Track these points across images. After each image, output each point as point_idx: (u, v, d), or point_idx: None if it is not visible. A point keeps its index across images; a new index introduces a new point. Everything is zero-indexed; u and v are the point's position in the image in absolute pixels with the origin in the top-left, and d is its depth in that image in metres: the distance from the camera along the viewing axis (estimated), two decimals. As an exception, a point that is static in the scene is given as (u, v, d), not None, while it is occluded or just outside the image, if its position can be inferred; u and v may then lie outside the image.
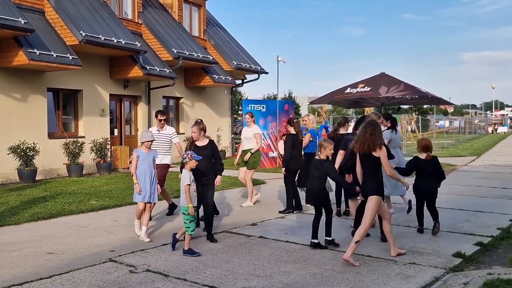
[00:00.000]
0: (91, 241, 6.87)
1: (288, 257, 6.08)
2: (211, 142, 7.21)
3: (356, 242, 5.77)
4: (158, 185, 7.19)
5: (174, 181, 11.51)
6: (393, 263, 5.82)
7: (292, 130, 9.16)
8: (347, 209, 8.59)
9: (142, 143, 7.10)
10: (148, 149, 7.06)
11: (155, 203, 7.22)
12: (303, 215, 8.72)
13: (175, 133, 8.76)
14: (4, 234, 7.24)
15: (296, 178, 9.18)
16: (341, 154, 7.83)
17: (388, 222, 6.20)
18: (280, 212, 8.94)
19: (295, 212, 8.96)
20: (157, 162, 7.62)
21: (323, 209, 6.64)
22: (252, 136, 9.71)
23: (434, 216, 7.28)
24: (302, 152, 9.35)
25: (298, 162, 9.12)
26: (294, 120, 9.33)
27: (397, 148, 8.51)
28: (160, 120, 8.51)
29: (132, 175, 7.01)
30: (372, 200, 5.93)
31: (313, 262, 5.86)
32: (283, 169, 9.02)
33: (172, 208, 8.85)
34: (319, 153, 6.62)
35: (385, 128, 8.46)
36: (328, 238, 6.59)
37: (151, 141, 7.13)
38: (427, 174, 7.26)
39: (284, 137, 9.49)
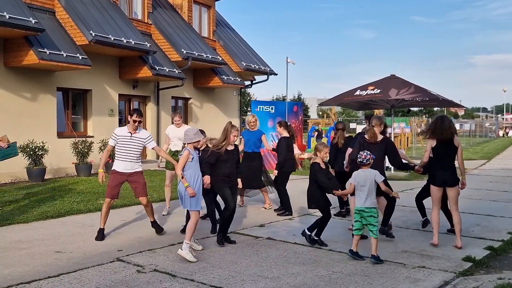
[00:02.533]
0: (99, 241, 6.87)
1: (296, 259, 6.05)
2: (236, 146, 6.93)
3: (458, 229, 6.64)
4: (144, 198, 7.05)
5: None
6: (402, 267, 5.76)
7: (285, 133, 9.28)
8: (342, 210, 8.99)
9: (189, 143, 6.26)
10: (195, 149, 6.36)
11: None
12: (311, 217, 8.66)
13: (151, 136, 7.25)
14: (13, 232, 7.27)
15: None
16: (348, 152, 7.95)
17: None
18: (275, 210, 9.20)
19: (288, 214, 8.98)
20: (130, 169, 6.99)
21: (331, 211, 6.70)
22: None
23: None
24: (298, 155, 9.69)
25: (292, 164, 9.31)
26: (288, 124, 9.55)
27: None
28: (135, 122, 6.95)
29: (182, 177, 6.10)
30: (458, 189, 6.68)
31: (321, 264, 5.82)
32: (276, 171, 9.11)
33: (157, 227, 7.38)
34: (314, 156, 6.65)
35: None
36: (315, 238, 6.69)
37: (198, 141, 6.43)
38: None
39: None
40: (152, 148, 7.31)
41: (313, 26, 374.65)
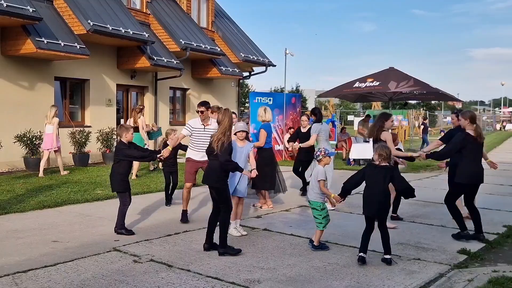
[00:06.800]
0: (95, 230, 6.88)
1: (292, 250, 6.07)
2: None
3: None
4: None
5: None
6: (397, 259, 5.79)
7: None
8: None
9: (235, 133, 6.39)
10: (241, 141, 6.46)
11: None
12: (308, 209, 8.68)
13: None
14: (10, 222, 7.28)
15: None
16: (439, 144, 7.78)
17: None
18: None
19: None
20: (205, 158, 6.71)
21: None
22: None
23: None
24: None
25: None
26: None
27: (327, 138, 9.09)
28: (197, 112, 7.39)
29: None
30: None
31: (317, 256, 5.84)
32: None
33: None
34: (380, 159, 5.62)
35: (312, 120, 9.09)
36: (386, 257, 5.61)
37: (243, 131, 6.44)
38: None
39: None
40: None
41: (314, 18, 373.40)
